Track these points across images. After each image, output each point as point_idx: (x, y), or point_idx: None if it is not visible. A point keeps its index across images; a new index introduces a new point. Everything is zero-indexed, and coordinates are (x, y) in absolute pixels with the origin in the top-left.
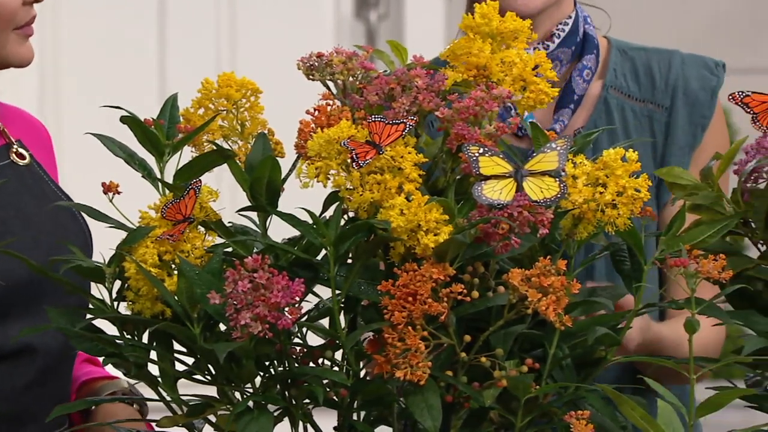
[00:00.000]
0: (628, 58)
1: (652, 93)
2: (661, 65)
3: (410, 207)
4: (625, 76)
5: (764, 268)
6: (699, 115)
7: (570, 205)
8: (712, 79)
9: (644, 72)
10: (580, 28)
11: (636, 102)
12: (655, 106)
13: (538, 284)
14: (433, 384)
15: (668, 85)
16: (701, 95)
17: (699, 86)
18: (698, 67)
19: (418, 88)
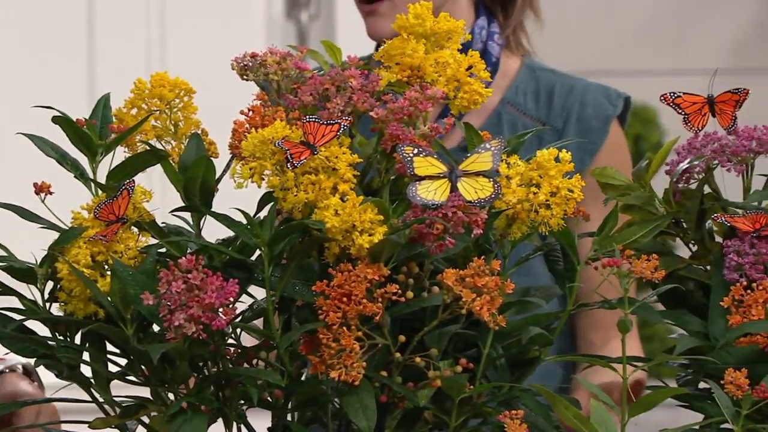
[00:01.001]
0: (535, 77)
1: (547, 114)
2: (562, 89)
3: (345, 207)
4: (526, 95)
5: (695, 268)
6: (589, 141)
7: (504, 205)
8: (608, 108)
9: (545, 93)
10: (475, 45)
11: (530, 120)
12: (547, 126)
13: (473, 284)
14: (367, 384)
15: (564, 108)
16: (594, 122)
17: (593, 113)
18: (598, 95)
19: (353, 88)
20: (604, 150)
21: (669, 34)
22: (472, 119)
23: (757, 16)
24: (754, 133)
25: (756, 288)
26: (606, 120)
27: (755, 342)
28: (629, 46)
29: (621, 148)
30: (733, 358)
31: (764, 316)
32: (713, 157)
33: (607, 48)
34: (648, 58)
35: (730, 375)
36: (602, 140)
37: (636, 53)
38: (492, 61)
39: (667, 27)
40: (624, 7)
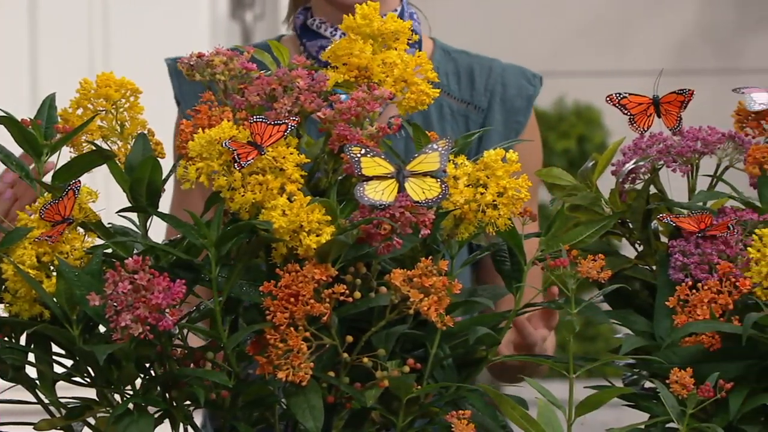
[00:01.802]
0: (452, 59)
1: (470, 94)
2: (482, 70)
3: (292, 208)
4: (447, 75)
5: (641, 268)
6: (514, 120)
7: (451, 205)
8: (529, 88)
9: (466, 74)
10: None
11: (454, 101)
12: (472, 107)
13: (420, 285)
14: (315, 385)
15: (487, 88)
16: (518, 102)
17: (516, 93)
18: (517, 76)
19: (300, 88)
20: (526, 131)
21: (612, 36)
22: None
23: (699, 18)
24: (699, 134)
25: (701, 288)
26: (529, 100)
27: (700, 341)
28: (573, 47)
29: (536, 128)
30: (678, 357)
31: (709, 316)
32: (659, 158)
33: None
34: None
35: (676, 374)
36: (526, 119)
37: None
38: (419, 41)
39: (611, 28)
40: (567, 9)
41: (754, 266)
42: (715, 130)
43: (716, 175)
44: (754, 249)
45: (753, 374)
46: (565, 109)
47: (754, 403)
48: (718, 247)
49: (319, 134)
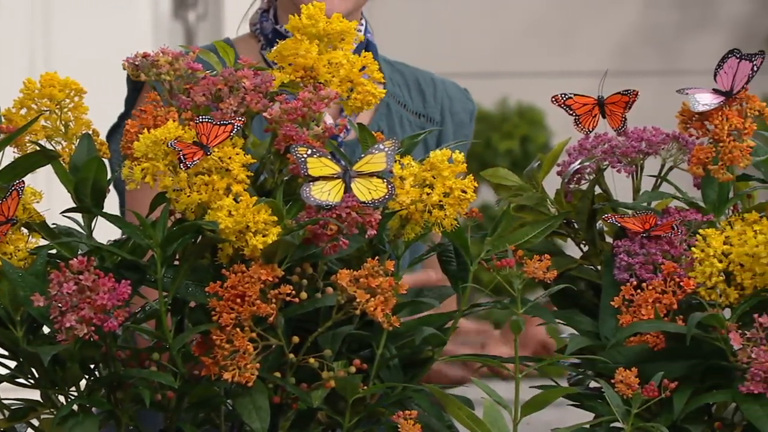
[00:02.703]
0: (396, 70)
1: (423, 107)
2: (426, 82)
3: (238, 208)
4: (400, 87)
5: (586, 268)
6: (461, 134)
7: (398, 206)
8: (469, 104)
9: (414, 85)
10: (365, 36)
11: (410, 114)
12: (426, 119)
13: (366, 285)
14: (261, 385)
15: (436, 101)
16: (463, 117)
17: (461, 108)
18: (457, 91)
19: (246, 88)
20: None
21: (555, 37)
22: (365, 113)
23: (641, 20)
24: (643, 134)
25: (645, 288)
26: (471, 115)
27: (645, 341)
28: (515, 48)
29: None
30: (623, 357)
31: (654, 316)
32: (604, 158)
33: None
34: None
35: (621, 374)
36: (471, 133)
37: (522, 55)
38: (377, 50)
39: (553, 29)
40: (510, 10)
41: (698, 266)
42: (659, 130)
43: (660, 175)
44: (697, 249)
45: (697, 374)
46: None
47: (698, 403)
48: (663, 247)
49: (265, 134)
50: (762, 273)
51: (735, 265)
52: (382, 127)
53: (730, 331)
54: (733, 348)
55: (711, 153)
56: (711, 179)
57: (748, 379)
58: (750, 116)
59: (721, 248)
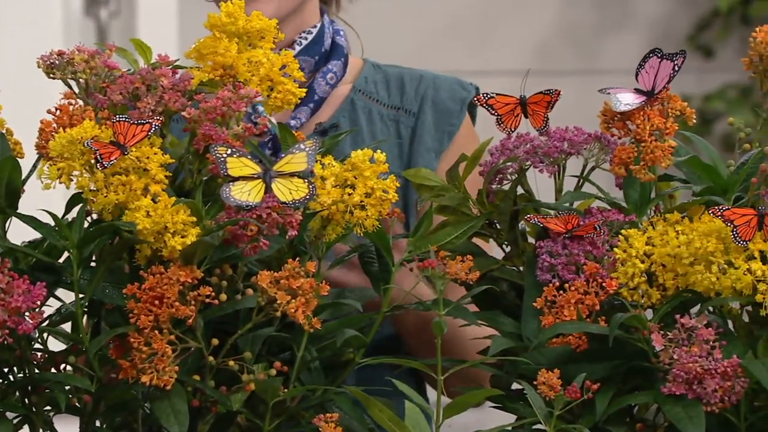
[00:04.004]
0: (381, 71)
1: (400, 100)
2: (412, 78)
3: (156, 209)
4: (376, 84)
5: (508, 269)
6: (447, 122)
7: (319, 206)
8: (462, 92)
9: (395, 83)
10: (327, 39)
11: (383, 107)
12: (403, 112)
13: (287, 286)
14: (179, 388)
15: (417, 93)
16: (450, 104)
17: (448, 96)
18: (451, 81)
19: (164, 87)
20: (461, 133)
21: (473, 35)
22: (328, 108)
23: (560, 19)
24: (565, 134)
25: (568, 289)
26: (462, 102)
27: (567, 342)
28: (433, 47)
29: (473, 133)
30: (545, 358)
31: (576, 317)
32: (526, 158)
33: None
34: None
35: (543, 376)
36: (460, 121)
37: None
38: (344, 52)
39: (471, 28)
40: (428, 7)
41: (620, 267)
42: (581, 130)
43: (583, 175)
44: (620, 250)
45: (619, 375)
46: None
47: (620, 404)
48: (585, 248)
49: (183, 134)
50: (684, 273)
51: (657, 266)
52: (343, 122)
53: (652, 332)
54: (655, 349)
55: (633, 153)
56: (633, 179)
57: (669, 380)
58: (671, 116)
59: (643, 249)
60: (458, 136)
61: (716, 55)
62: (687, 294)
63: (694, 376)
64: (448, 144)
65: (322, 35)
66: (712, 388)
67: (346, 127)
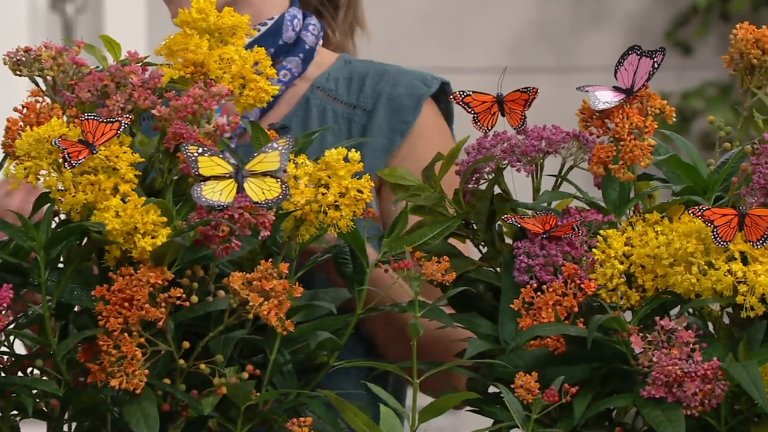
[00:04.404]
0: (350, 67)
1: (357, 97)
2: (375, 74)
3: (126, 209)
4: (337, 81)
5: (485, 270)
6: (400, 120)
7: (292, 206)
8: (421, 87)
9: (357, 79)
10: (286, 32)
11: (340, 104)
12: (359, 110)
13: (260, 288)
14: (149, 392)
15: (375, 90)
16: (406, 101)
17: (406, 92)
18: (413, 77)
19: (133, 84)
20: (418, 130)
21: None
22: (282, 106)
23: (534, 15)
24: (543, 133)
25: (546, 290)
26: (418, 99)
27: (545, 345)
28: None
29: (438, 131)
30: (523, 361)
31: (554, 319)
32: (503, 157)
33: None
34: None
35: (521, 378)
36: (414, 119)
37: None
38: (305, 48)
39: (444, 24)
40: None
41: (599, 268)
42: (559, 129)
43: (561, 174)
44: (598, 250)
45: (598, 378)
46: None
47: (599, 408)
48: (563, 249)
49: (153, 132)
50: (663, 275)
51: (636, 267)
52: (294, 122)
53: (632, 335)
54: (634, 351)
55: (612, 152)
56: (612, 179)
57: (649, 383)
58: (651, 114)
59: (622, 249)
60: (414, 133)
61: (695, 52)
62: (667, 295)
63: (674, 379)
64: (400, 142)
65: (280, 27)
66: (692, 391)
67: (297, 127)
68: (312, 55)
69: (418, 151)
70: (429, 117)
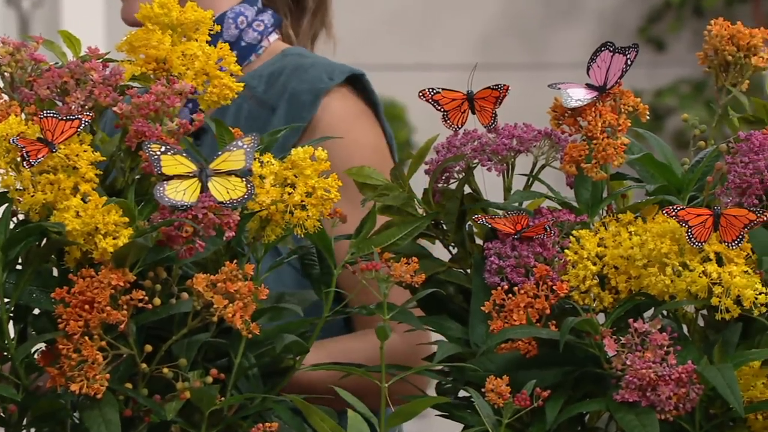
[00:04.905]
0: (282, 62)
1: (270, 94)
2: (293, 69)
3: (87, 209)
4: (261, 77)
5: (455, 271)
6: (297, 116)
7: (257, 206)
8: (323, 82)
9: (277, 75)
10: (227, 30)
11: (254, 102)
12: (265, 107)
13: (224, 290)
14: (111, 397)
15: (284, 86)
16: (304, 96)
17: (307, 88)
18: (321, 71)
19: (94, 81)
20: (314, 125)
21: (414, 28)
22: None
23: (506, 10)
24: (514, 131)
25: (517, 292)
26: (317, 94)
27: (516, 348)
28: (374, 40)
29: (347, 123)
30: (494, 365)
31: (526, 321)
32: (473, 156)
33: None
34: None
35: (491, 382)
36: (310, 114)
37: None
38: (240, 45)
39: (412, 20)
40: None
41: (571, 269)
42: (531, 127)
43: (532, 174)
44: (571, 251)
45: (570, 382)
46: None
47: (571, 412)
48: (535, 250)
49: (115, 130)
50: (637, 276)
51: (609, 268)
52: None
53: (605, 337)
54: (608, 355)
55: (584, 151)
56: (584, 178)
57: (622, 387)
58: (624, 112)
59: (595, 250)
60: (309, 129)
61: (668, 48)
62: (640, 297)
63: (648, 383)
64: (295, 138)
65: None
66: (666, 395)
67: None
68: (250, 52)
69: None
70: (333, 111)
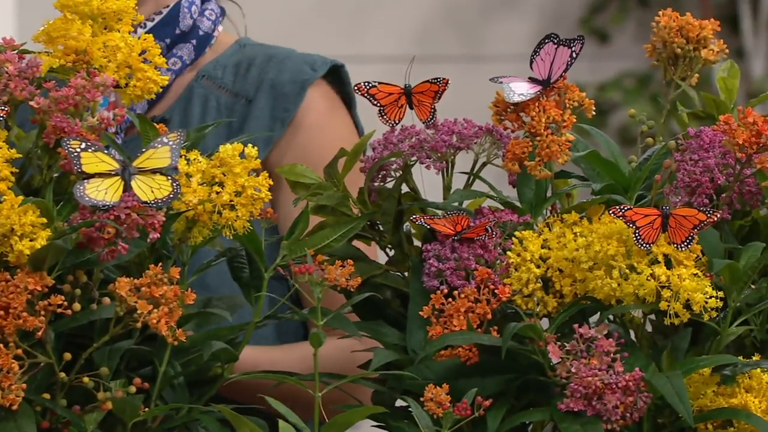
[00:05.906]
0: (242, 52)
1: (242, 85)
2: (263, 59)
3: (2, 209)
4: (225, 68)
5: (392, 274)
6: (281, 108)
7: (183, 206)
8: (306, 73)
9: (245, 65)
10: (183, 20)
11: (224, 92)
12: (240, 98)
13: (149, 295)
14: (27, 408)
15: (259, 77)
16: (288, 87)
17: (289, 78)
18: (301, 62)
19: (9, 74)
20: (300, 118)
21: (346, 16)
22: (169, 97)
23: (442, 2)
24: (454, 127)
25: (457, 296)
26: (302, 85)
27: (456, 355)
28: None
29: (329, 117)
30: (433, 372)
31: (466, 327)
32: (411, 153)
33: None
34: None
35: (430, 391)
36: (296, 106)
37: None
38: (198, 34)
39: (344, 8)
40: None
41: (514, 272)
42: (471, 123)
43: (473, 172)
44: (513, 253)
45: (512, 390)
46: None
47: (514, 422)
48: (476, 252)
49: (31, 126)
50: (582, 279)
51: (554, 271)
52: (176, 114)
53: (549, 343)
54: (552, 362)
55: (527, 148)
56: (527, 176)
57: (567, 395)
58: (569, 107)
59: (538, 252)
60: (295, 122)
61: (612, 40)
62: (586, 301)
63: (594, 391)
64: (281, 131)
65: (176, 16)
66: (613, 403)
67: (177, 121)
68: (207, 42)
69: (301, 140)
70: (317, 103)
